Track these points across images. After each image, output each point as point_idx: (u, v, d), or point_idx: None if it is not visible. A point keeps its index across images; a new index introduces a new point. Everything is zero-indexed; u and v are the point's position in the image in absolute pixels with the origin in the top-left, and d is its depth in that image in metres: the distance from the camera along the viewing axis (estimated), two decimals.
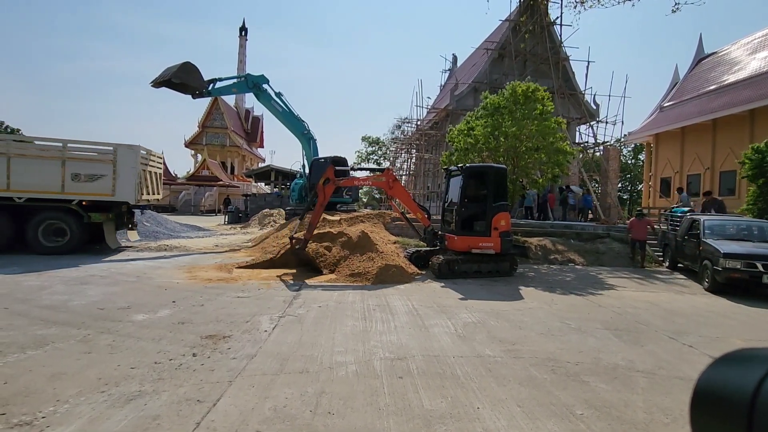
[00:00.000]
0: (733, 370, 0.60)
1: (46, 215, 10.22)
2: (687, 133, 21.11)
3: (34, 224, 10.13)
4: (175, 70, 13.61)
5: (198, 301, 6.18)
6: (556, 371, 4.01)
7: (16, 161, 9.91)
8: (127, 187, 10.58)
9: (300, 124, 16.48)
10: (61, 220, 10.31)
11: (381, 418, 2.99)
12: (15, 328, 4.63)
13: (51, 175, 10.08)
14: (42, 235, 10.22)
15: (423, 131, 24.26)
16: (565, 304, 7.03)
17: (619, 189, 34.35)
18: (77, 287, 6.79)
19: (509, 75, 19.39)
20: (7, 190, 9.83)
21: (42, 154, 10.32)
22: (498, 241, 9.07)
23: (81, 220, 10.41)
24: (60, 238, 10.37)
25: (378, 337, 4.83)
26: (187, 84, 14.09)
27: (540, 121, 11.73)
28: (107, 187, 10.40)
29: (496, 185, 9.38)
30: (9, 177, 9.81)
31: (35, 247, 10.16)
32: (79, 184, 10.24)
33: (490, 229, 9.11)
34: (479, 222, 9.29)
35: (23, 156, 10.09)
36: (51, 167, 10.12)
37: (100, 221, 10.67)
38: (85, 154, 10.60)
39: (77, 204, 10.33)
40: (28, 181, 9.96)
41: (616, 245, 12.89)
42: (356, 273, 8.47)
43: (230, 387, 3.38)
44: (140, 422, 2.79)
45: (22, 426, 2.69)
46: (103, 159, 10.48)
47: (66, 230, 10.37)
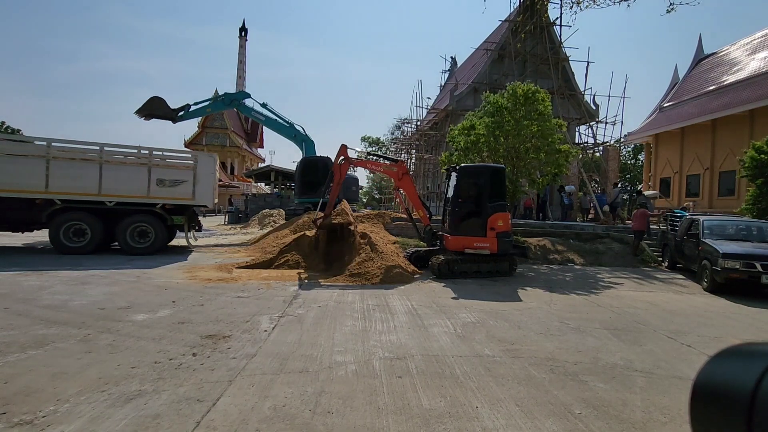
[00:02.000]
0: (734, 365, 0.60)
1: (134, 218, 10.89)
2: (687, 134, 21.14)
3: (124, 226, 10.83)
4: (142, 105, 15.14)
5: (198, 301, 6.20)
6: (554, 371, 4.03)
7: (107, 168, 10.57)
8: (206, 191, 11.39)
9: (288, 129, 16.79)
10: (146, 222, 10.97)
11: (380, 417, 3.01)
12: (16, 327, 4.65)
13: (138, 181, 10.77)
14: (130, 237, 10.88)
15: (423, 131, 24.29)
16: (565, 304, 7.05)
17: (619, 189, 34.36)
18: (77, 287, 6.80)
19: (509, 75, 19.43)
20: (98, 195, 10.48)
21: (129, 161, 11.05)
22: (495, 242, 9.01)
23: (164, 222, 11.14)
24: (144, 240, 10.99)
25: (377, 337, 4.84)
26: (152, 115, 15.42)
27: (540, 122, 11.76)
28: (188, 191, 11.15)
29: (492, 185, 9.31)
30: (100, 182, 10.48)
31: (125, 248, 10.86)
32: (163, 189, 10.96)
33: (486, 230, 9.04)
34: (475, 222, 9.24)
35: (113, 163, 10.76)
36: (138, 173, 10.81)
37: (181, 224, 11.47)
38: (169, 161, 11.44)
39: (161, 207, 11.02)
40: (117, 186, 10.64)
41: (615, 245, 12.91)
42: (356, 273, 8.48)
43: (230, 386, 3.40)
44: (140, 421, 2.81)
45: (23, 425, 2.71)
46: (185, 165, 11.28)
47: (150, 232, 11.01)
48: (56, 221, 10.35)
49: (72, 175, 10.34)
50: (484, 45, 22.17)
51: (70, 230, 10.43)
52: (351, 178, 17.93)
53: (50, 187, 10.16)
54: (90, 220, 10.53)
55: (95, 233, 10.60)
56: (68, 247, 10.41)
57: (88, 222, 10.52)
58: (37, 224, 10.78)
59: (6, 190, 9.98)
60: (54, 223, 10.35)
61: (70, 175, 10.33)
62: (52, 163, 10.19)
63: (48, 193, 10.20)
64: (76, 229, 10.47)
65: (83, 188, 10.39)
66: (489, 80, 20.44)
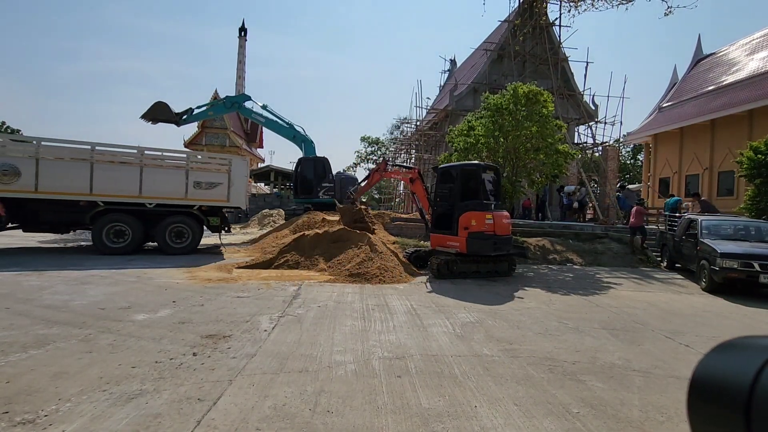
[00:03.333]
0: (732, 358, 0.59)
1: (172, 219, 11.27)
2: (686, 134, 21.17)
3: (163, 227, 11.20)
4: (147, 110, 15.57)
5: (198, 301, 6.22)
6: (553, 370, 4.05)
7: (147, 171, 10.95)
8: (240, 193, 11.81)
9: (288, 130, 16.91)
10: (184, 223, 11.37)
11: (379, 416, 3.03)
12: (17, 327, 4.67)
13: (176, 184, 11.18)
14: (168, 237, 11.23)
15: (422, 132, 24.32)
16: (563, 304, 7.07)
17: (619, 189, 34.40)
18: (78, 287, 6.82)
19: (508, 76, 19.45)
20: (139, 197, 10.85)
21: (168, 165, 11.47)
22: (464, 241, 8.72)
23: (200, 223, 11.59)
24: (180, 240, 11.37)
25: (377, 337, 4.86)
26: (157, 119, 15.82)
27: (541, 123, 11.77)
28: (223, 193, 11.55)
29: (464, 184, 9.20)
30: (141, 185, 10.85)
31: (163, 247, 11.24)
32: (200, 191, 11.36)
33: (458, 229, 8.89)
34: (447, 221, 9.26)
35: (153, 166, 11.17)
36: (176, 176, 11.22)
37: (216, 224, 11.95)
38: (206, 165, 11.86)
39: (197, 209, 11.44)
40: (157, 188, 11.02)
41: (614, 245, 12.95)
42: (355, 273, 8.51)
43: (230, 386, 3.42)
44: (141, 420, 2.83)
45: (25, 424, 2.73)
46: (220, 169, 11.67)
47: (186, 232, 11.40)
48: (99, 222, 10.71)
49: (114, 177, 10.72)
50: (484, 45, 22.20)
51: (111, 231, 10.78)
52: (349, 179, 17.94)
53: (94, 189, 10.53)
54: (130, 221, 10.90)
55: (135, 234, 10.96)
56: (110, 247, 10.74)
57: (129, 223, 10.89)
58: (77, 225, 11.21)
59: (52, 192, 10.26)
60: (97, 225, 10.71)
61: (113, 177, 10.70)
62: (95, 167, 10.55)
63: (92, 196, 10.56)
64: (117, 230, 10.83)
65: (125, 191, 10.80)
66: (488, 80, 20.47)
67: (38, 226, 11.08)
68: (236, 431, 2.76)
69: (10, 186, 9.96)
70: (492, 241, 8.78)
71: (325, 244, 9.98)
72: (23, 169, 10.02)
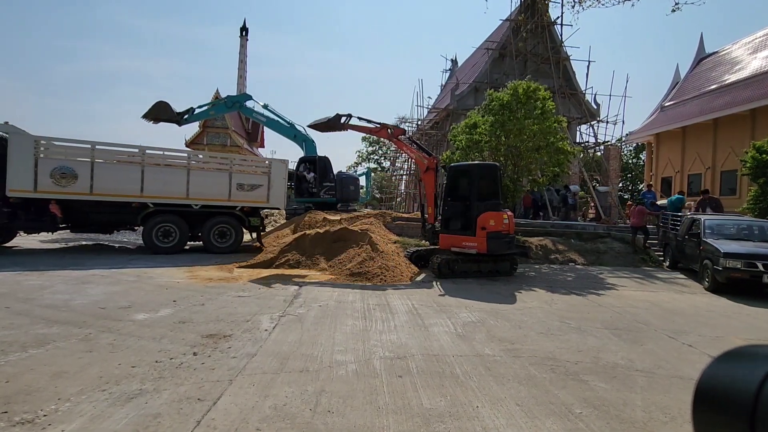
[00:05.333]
0: (737, 367, 0.59)
1: (216, 220, 11.66)
2: (688, 133, 21.09)
3: (208, 227, 11.61)
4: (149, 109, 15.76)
5: (198, 300, 6.20)
6: (555, 370, 4.03)
7: (193, 174, 11.41)
8: (279, 195, 12.26)
9: (289, 130, 16.90)
10: (227, 223, 11.78)
11: (380, 416, 3.01)
12: (17, 327, 4.66)
13: (220, 186, 11.62)
14: (212, 237, 11.62)
15: (423, 131, 24.29)
16: (565, 304, 7.04)
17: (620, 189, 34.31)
18: (78, 286, 6.81)
19: (510, 75, 19.41)
20: (186, 198, 11.28)
21: (213, 168, 11.95)
22: (484, 241, 8.71)
23: (242, 223, 11.98)
24: (223, 240, 11.77)
25: (378, 337, 4.84)
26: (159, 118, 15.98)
27: (541, 120, 11.74)
28: (263, 195, 12.01)
29: (482, 183, 9.16)
30: (188, 187, 11.27)
31: (209, 247, 11.63)
32: (242, 192, 11.81)
33: (476, 229, 8.82)
34: (463, 221, 9.11)
35: (199, 169, 11.67)
36: (220, 179, 11.67)
37: (257, 225, 12.41)
38: (247, 167, 12.41)
39: (239, 210, 11.82)
40: (202, 190, 11.46)
41: (616, 245, 12.90)
42: (356, 272, 8.49)
43: (231, 386, 3.40)
44: (141, 420, 2.81)
45: (24, 424, 2.71)
46: (261, 171, 12.21)
47: (229, 232, 11.82)
48: (149, 223, 11.12)
49: (163, 180, 11.14)
50: (485, 44, 22.16)
51: (159, 231, 11.19)
52: (350, 178, 17.90)
53: (144, 191, 10.92)
54: (177, 222, 11.32)
55: (182, 234, 11.38)
56: (159, 247, 11.15)
57: (176, 223, 11.31)
58: (122, 226, 11.85)
59: (106, 194, 10.63)
60: (147, 225, 11.14)
61: (162, 180, 11.12)
62: (146, 170, 10.96)
63: (143, 197, 10.96)
64: (165, 230, 11.25)
65: (173, 192, 11.19)
66: (490, 79, 20.43)
67: (88, 226, 11.50)
68: (236, 431, 2.74)
69: (68, 188, 10.30)
70: (507, 240, 9.04)
71: (326, 244, 9.96)
72: (79, 171, 10.37)
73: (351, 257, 9.22)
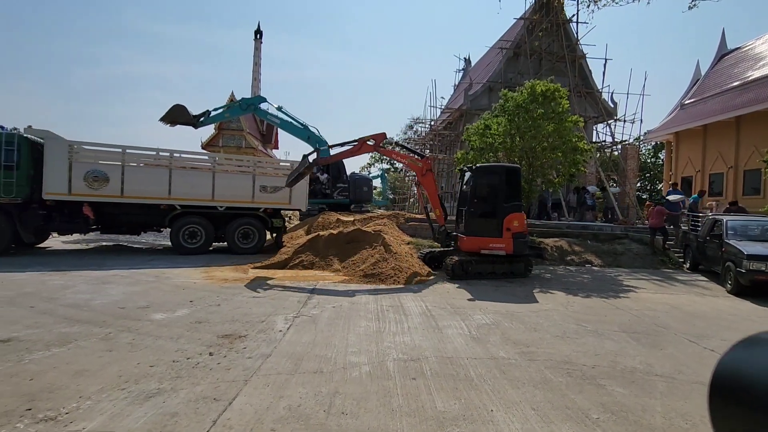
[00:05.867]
0: (754, 355, 0.57)
1: (240, 221, 11.91)
2: (709, 131, 20.53)
3: (232, 229, 11.85)
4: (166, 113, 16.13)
5: (214, 300, 6.29)
6: (571, 374, 3.96)
7: (218, 176, 11.66)
8: (301, 196, 12.39)
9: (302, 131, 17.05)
10: (251, 225, 12.00)
11: (394, 419, 3.00)
12: (41, 326, 4.80)
13: (244, 188, 11.83)
14: (237, 238, 11.85)
15: (437, 131, 24.20)
16: (582, 306, 6.93)
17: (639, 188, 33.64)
18: (99, 286, 6.98)
19: (524, 74, 19.19)
20: (212, 200, 11.55)
21: (237, 170, 12.19)
22: (510, 242, 8.89)
23: (265, 224, 12.23)
24: (247, 241, 11.97)
25: (391, 338, 4.84)
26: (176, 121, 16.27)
27: (558, 121, 11.56)
28: (285, 197, 12.08)
29: (508, 185, 9.22)
30: (213, 190, 11.54)
31: (233, 248, 11.83)
32: (265, 194, 11.98)
33: (502, 230, 8.94)
34: (490, 222, 9.11)
35: (223, 172, 11.87)
36: (244, 181, 11.89)
37: (279, 226, 12.65)
38: (270, 170, 12.60)
39: (263, 211, 12.07)
40: (227, 192, 11.70)
41: (634, 246, 12.64)
42: (370, 273, 8.50)
43: (246, 386, 3.44)
44: (159, 419, 2.86)
45: (47, 421, 2.79)
46: (283, 173, 12.04)
47: (252, 234, 12.03)
48: (176, 224, 11.42)
49: (190, 183, 11.42)
50: (499, 43, 21.97)
51: (186, 232, 11.47)
52: (363, 179, 17.95)
53: (172, 193, 11.23)
54: (203, 223, 11.58)
55: (208, 235, 11.63)
56: (186, 248, 11.42)
57: (202, 225, 11.57)
58: (149, 227, 12.14)
59: (136, 197, 10.96)
60: (174, 227, 11.43)
61: (188, 183, 11.41)
62: (173, 172, 11.27)
63: (170, 199, 11.26)
64: (191, 231, 11.53)
65: (199, 195, 11.47)
66: (504, 79, 20.23)
67: (117, 228, 11.84)
68: (251, 431, 2.77)
69: (100, 191, 10.66)
70: (526, 241, 9.27)
71: (339, 245, 10.00)
72: (111, 175, 10.71)
73: (364, 258, 9.24)
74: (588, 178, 19.18)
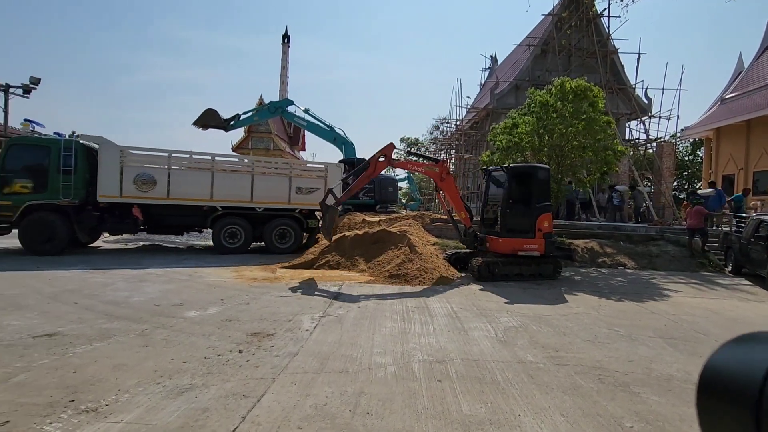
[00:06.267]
0: (744, 352, 0.55)
1: (278, 222, 12.29)
2: (753, 127, 19.42)
3: (270, 229, 12.24)
4: (198, 117, 16.73)
5: (244, 299, 6.46)
6: (603, 380, 3.84)
7: (257, 178, 12.12)
8: None
9: (328, 133, 17.29)
10: (288, 225, 12.39)
11: (419, 421, 3.00)
12: (83, 321, 5.06)
13: (281, 190, 12.25)
14: (274, 238, 12.26)
15: (462, 131, 23.95)
16: (614, 310, 6.70)
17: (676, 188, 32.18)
18: (136, 284, 7.29)
19: (553, 71, 18.73)
20: (251, 202, 12.00)
21: (274, 172, 12.60)
22: (542, 243, 8.86)
23: (301, 225, 12.57)
24: (283, 241, 12.37)
25: (417, 339, 4.83)
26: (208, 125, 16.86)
27: (588, 120, 11.19)
28: (320, 198, 12.37)
29: (540, 185, 9.13)
30: (252, 191, 11.99)
31: (271, 248, 12.22)
32: (301, 196, 12.38)
33: (535, 231, 8.87)
34: (524, 223, 9.02)
35: (261, 174, 12.28)
36: (281, 183, 12.30)
37: (314, 227, 12.75)
38: (305, 172, 12.92)
39: (299, 212, 12.47)
40: (265, 194, 12.12)
41: (671, 248, 12.11)
42: (395, 274, 8.50)
43: (273, 384, 3.51)
44: (191, 414, 2.96)
45: (89, 412, 2.94)
46: (317, 175, 12.63)
47: (289, 234, 12.42)
48: (218, 225, 11.88)
49: (230, 185, 11.89)
50: (526, 41, 21.52)
51: (226, 233, 11.90)
52: (389, 180, 17.98)
53: (214, 195, 11.70)
54: (243, 224, 11.99)
55: (247, 235, 12.02)
56: (227, 247, 11.86)
57: (242, 225, 11.98)
58: (191, 228, 12.67)
59: (181, 199, 11.50)
60: (216, 227, 11.90)
61: (229, 185, 11.87)
62: (215, 175, 11.74)
63: (212, 201, 11.73)
64: (231, 231, 11.95)
65: (239, 196, 11.90)
66: (531, 77, 19.80)
67: (162, 228, 12.35)
68: (279, 428, 2.83)
69: (148, 193, 11.21)
70: (554, 241, 9.27)
71: (365, 245, 10.05)
72: (158, 178, 11.25)
73: (390, 259, 9.25)
74: (621, 177, 18.52)
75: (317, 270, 9.43)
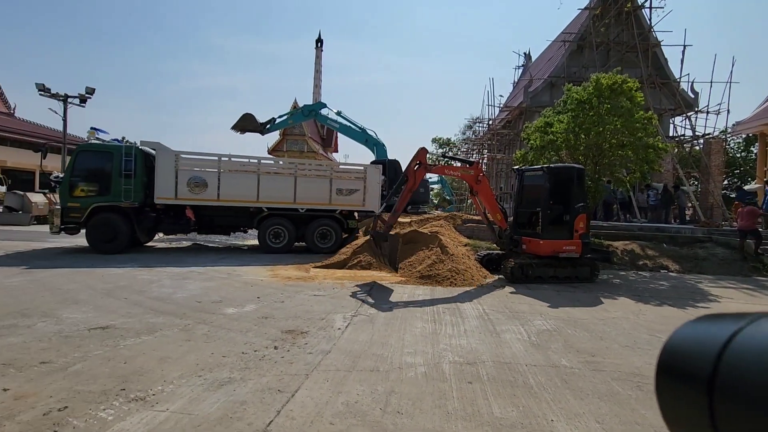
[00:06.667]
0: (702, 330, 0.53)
1: (319, 222, 12.72)
2: None
3: (312, 229, 12.68)
4: (236, 121, 17.30)
5: (279, 297, 6.67)
6: (642, 388, 3.71)
7: (300, 180, 12.56)
8: (373, 198, 12.95)
9: (359, 134, 17.50)
10: (328, 226, 12.79)
11: (449, 422, 3.01)
12: (132, 315, 5.39)
13: (322, 191, 12.68)
14: (316, 238, 12.70)
15: (495, 131, 23.57)
16: (656, 315, 6.42)
17: (726, 186, 30.28)
18: (180, 281, 7.67)
19: (590, 67, 18.11)
20: (294, 203, 12.50)
21: (316, 175, 12.94)
22: (579, 244, 8.72)
23: (341, 225, 12.93)
24: (324, 241, 12.78)
25: (447, 341, 4.83)
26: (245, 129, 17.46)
27: (627, 116, 10.74)
28: (359, 199, 12.92)
29: (578, 186, 8.94)
30: (295, 193, 12.48)
31: (313, 247, 12.63)
32: (341, 197, 12.78)
33: (572, 232, 8.71)
34: (564, 224, 8.86)
35: (303, 176, 12.71)
36: (322, 185, 12.72)
37: (354, 227, 13.17)
38: (345, 174, 13.20)
39: (339, 213, 12.83)
40: (307, 195, 12.58)
41: (719, 251, 11.44)
42: (426, 275, 8.50)
43: (307, 380, 3.62)
44: (230, 406, 3.12)
45: (137, 401, 3.15)
46: (357, 176, 12.99)
47: (330, 234, 12.80)
48: (263, 225, 12.41)
49: (275, 187, 12.38)
50: (561, 36, 20.92)
51: (271, 233, 12.43)
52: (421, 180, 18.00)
53: (260, 197, 12.23)
54: (286, 224, 12.46)
55: (290, 235, 12.49)
56: (272, 247, 12.38)
57: (285, 226, 12.46)
58: (238, 228, 13.14)
59: (230, 201, 12.09)
60: (261, 228, 12.42)
61: (274, 187, 12.36)
62: (261, 178, 12.27)
63: (258, 203, 12.26)
64: (275, 232, 12.47)
65: (283, 198, 12.40)
66: (567, 74, 19.23)
67: (212, 229, 12.93)
68: (312, 423, 2.93)
69: (200, 195, 11.85)
70: (590, 242, 9.18)
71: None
72: (209, 180, 11.85)
73: (421, 259, 9.26)
74: (664, 176, 17.66)
75: (349, 270, 9.57)
